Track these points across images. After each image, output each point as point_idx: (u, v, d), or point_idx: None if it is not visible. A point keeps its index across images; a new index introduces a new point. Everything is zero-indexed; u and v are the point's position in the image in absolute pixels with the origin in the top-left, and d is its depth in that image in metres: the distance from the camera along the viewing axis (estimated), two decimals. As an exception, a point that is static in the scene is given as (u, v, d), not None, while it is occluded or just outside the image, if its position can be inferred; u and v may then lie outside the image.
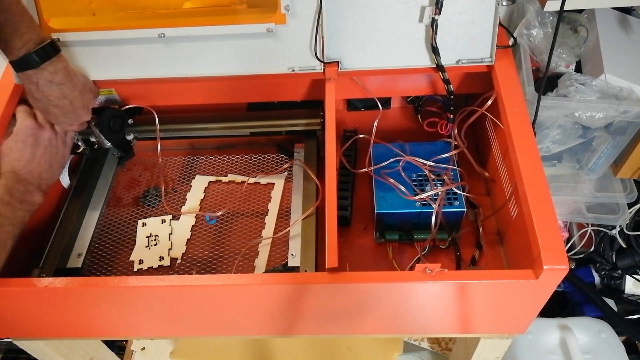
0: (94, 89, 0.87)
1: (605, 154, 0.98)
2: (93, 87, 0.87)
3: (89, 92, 0.85)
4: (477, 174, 0.92)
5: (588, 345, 1.09)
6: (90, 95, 0.85)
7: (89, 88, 0.85)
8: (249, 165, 1.01)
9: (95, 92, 0.88)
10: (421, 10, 0.80)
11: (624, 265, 1.18)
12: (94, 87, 0.87)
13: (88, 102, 0.84)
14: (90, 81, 0.86)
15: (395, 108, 1.09)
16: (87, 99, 0.83)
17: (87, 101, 0.84)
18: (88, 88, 0.84)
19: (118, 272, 0.87)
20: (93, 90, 0.87)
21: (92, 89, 0.86)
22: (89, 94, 0.84)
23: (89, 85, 0.85)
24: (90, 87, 0.86)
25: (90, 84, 0.86)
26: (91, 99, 0.85)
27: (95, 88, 0.88)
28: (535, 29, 0.91)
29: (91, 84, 0.86)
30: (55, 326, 0.83)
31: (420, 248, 0.85)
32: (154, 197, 0.98)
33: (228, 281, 0.69)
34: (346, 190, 0.92)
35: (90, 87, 0.85)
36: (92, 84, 0.87)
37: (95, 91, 0.88)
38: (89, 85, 0.85)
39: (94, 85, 0.87)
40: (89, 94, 0.84)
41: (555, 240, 0.64)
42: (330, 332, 0.84)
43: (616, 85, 0.88)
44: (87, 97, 0.84)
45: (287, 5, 0.79)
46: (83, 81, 0.83)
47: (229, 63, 0.86)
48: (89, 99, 0.84)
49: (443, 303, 0.73)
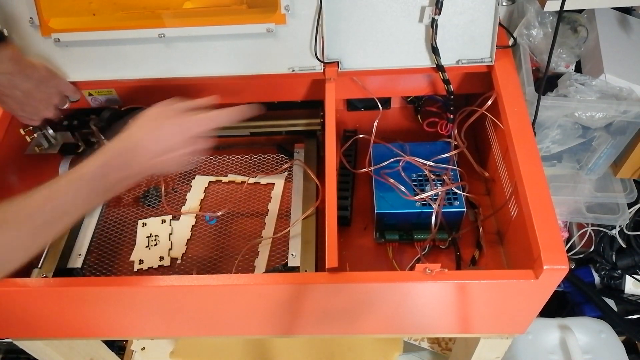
0: (64, 88, 0.84)
1: (605, 154, 0.98)
2: (61, 85, 0.83)
3: (51, 88, 0.81)
4: (477, 174, 0.92)
5: (588, 345, 1.09)
6: (52, 90, 0.81)
7: (54, 85, 0.82)
8: (249, 165, 1.01)
9: (67, 91, 0.84)
10: (421, 10, 0.80)
11: (623, 265, 1.18)
12: (63, 86, 0.84)
13: (49, 97, 0.81)
14: (58, 79, 0.83)
15: (395, 108, 1.09)
16: (47, 95, 0.80)
17: (47, 96, 0.81)
18: (51, 85, 0.81)
19: (118, 272, 0.87)
20: (61, 89, 0.83)
21: (57, 87, 0.82)
22: (51, 89, 0.81)
23: (53, 82, 0.82)
24: (56, 84, 0.82)
25: (55, 82, 0.82)
26: (53, 96, 0.82)
27: (68, 88, 0.85)
28: (535, 29, 0.91)
29: (58, 83, 0.83)
30: (55, 326, 0.83)
31: (420, 248, 0.85)
32: (154, 197, 0.98)
33: (228, 281, 0.69)
34: (346, 190, 0.92)
35: (54, 84, 0.82)
36: (62, 83, 0.84)
37: (65, 90, 0.84)
38: (54, 82, 0.82)
39: (66, 84, 0.84)
40: (50, 90, 0.81)
41: (555, 240, 0.64)
42: (331, 332, 0.84)
43: (616, 85, 0.88)
44: (48, 93, 0.81)
45: (287, 5, 0.79)
46: (43, 74, 0.80)
47: (229, 63, 0.86)
48: (50, 95, 0.81)
49: (443, 303, 0.73)
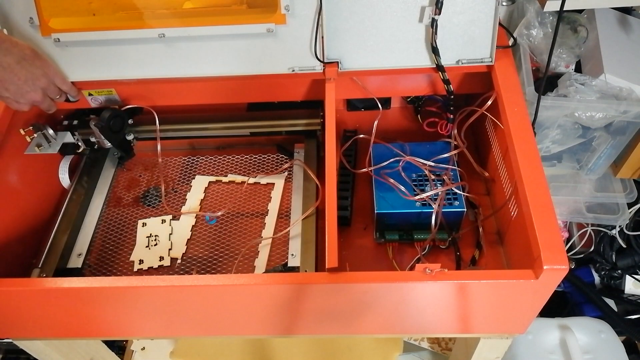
0: (52, 73, 0.83)
1: (605, 154, 0.98)
2: (47, 69, 0.82)
3: (36, 68, 0.80)
4: (477, 174, 0.92)
5: (588, 345, 1.09)
6: (37, 72, 0.80)
7: (38, 65, 0.80)
8: (249, 165, 1.01)
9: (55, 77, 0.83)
10: (421, 10, 0.80)
11: (623, 265, 1.18)
12: (50, 71, 0.82)
13: (34, 77, 0.80)
14: (44, 61, 0.82)
15: (395, 108, 1.09)
16: (31, 75, 0.79)
17: (33, 77, 0.79)
18: (36, 65, 0.79)
19: (118, 272, 0.87)
20: (47, 72, 0.82)
21: (42, 68, 0.81)
22: (36, 70, 0.80)
23: (38, 63, 0.80)
24: (41, 65, 0.81)
25: (40, 63, 0.80)
26: (40, 77, 0.80)
27: (57, 74, 0.84)
28: (535, 29, 0.91)
29: (43, 64, 0.81)
30: (55, 326, 0.83)
31: (420, 248, 0.85)
32: (154, 197, 0.98)
33: (228, 281, 0.69)
34: (346, 190, 0.92)
35: (39, 65, 0.80)
36: (49, 67, 0.82)
37: (53, 76, 0.83)
38: (39, 63, 0.80)
39: (54, 69, 0.84)
40: (34, 70, 0.80)
41: (555, 240, 0.64)
42: (330, 332, 0.84)
43: (616, 85, 0.88)
44: (32, 72, 0.79)
45: (287, 6, 0.79)
46: (27, 54, 0.78)
47: (229, 63, 0.86)
48: (36, 75, 0.80)
49: (443, 303, 0.73)
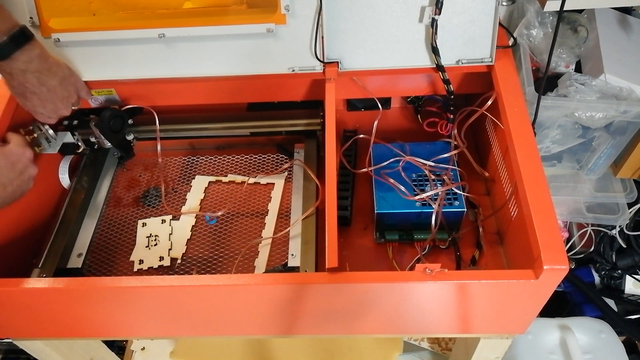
0: (80, 87, 0.84)
1: (605, 154, 0.98)
2: (79, 84, 0.84)
3: (71, 85, 0.81)
4: (477, 174, 0.92)
5: (588, 345, 1.09)
6: (72, 89, 0.82)
7: (73, 82, 0.82)
8: (249, 165, 1.01)
9: (82, 90, 0.85)
10: (421, 10, 0.80)
11: (623, 265, 1.18)
12: (80, 85, 0.84)
13: (69, 96, 0.81)
14: (76, 77, 0.84)
15: (395, 108, 1.09)
16: (68, 93, 0.80)
17: (68, 95, 0.81)
18: (71, 82, 0.81)
19: (118, 272, 0.87)
20: (78, 87, 0.83)
21: (75, 85, 0.83)
22: (71, 87, 0.81)
23: (73, 80, 0.82)
24: (75, 82, 0.83)
25: (74, 80, 0.82)
26: (73, 93, 0.82)
27: (83, 87, 0.85)
28: (535, 29, 0.91)
29: (76, 81, 0.83)
30: (55, 326, 0.83)
31: (420, 248, 0.85)
32: (154, 197, 0.98)
33: (228, 281, 0.69)
34: (346, 190, 0.92)
35: (73, 82, 0.82)
36: (79, 82, 0.84)
37: (81, 90, 0.85)
38: (74, 80, 0.82)
39: (82, 84, 0.85)
40: (70, 88, 0.81)
41: (555, 240, 0.64)
42: (330, 332, 0.84)
43: (616, 85, 0.88)
44: (68, 90, 0.81)
45: (287, 5, 0.79)
46: (66, 73, 0.80)
47: (229, 63, 0.86)
48: (70, 93, 0.81)
49: (443, 303, 0.73)
